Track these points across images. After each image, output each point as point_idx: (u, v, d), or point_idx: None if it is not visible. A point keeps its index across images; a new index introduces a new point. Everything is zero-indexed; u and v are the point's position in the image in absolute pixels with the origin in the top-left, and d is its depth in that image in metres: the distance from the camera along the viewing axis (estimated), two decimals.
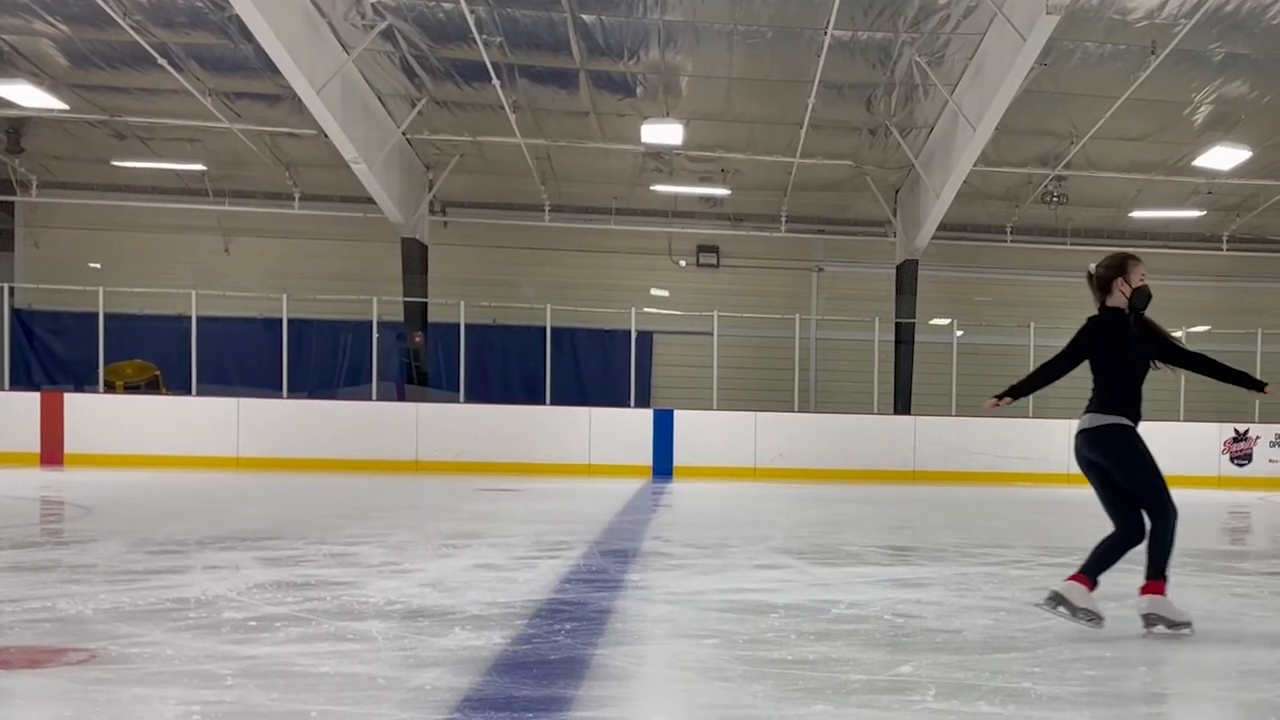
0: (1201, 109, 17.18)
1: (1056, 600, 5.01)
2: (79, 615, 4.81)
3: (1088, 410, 5.54)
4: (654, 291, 23.33)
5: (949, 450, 18.43)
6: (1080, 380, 18.91)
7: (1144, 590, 5.11)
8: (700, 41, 15.30)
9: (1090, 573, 5.14)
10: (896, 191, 21.66)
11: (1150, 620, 5.06)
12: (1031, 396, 18.51)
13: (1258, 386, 5.59)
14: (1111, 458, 5.42)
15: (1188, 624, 5.03)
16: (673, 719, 3.58)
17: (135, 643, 4.25)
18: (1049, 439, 18.71)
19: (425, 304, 20.49)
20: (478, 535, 8.44)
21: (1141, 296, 5.51)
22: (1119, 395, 5.49)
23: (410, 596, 5.48)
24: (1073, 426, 17.76)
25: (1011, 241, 22.78)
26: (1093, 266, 5.58)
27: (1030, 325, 19.99)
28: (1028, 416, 19.39)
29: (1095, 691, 3.87)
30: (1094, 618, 4.97)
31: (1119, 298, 5.51)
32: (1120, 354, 5.46)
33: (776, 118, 17.88)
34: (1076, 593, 5.04)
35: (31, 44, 16.06)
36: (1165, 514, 5.21)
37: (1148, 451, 5.40)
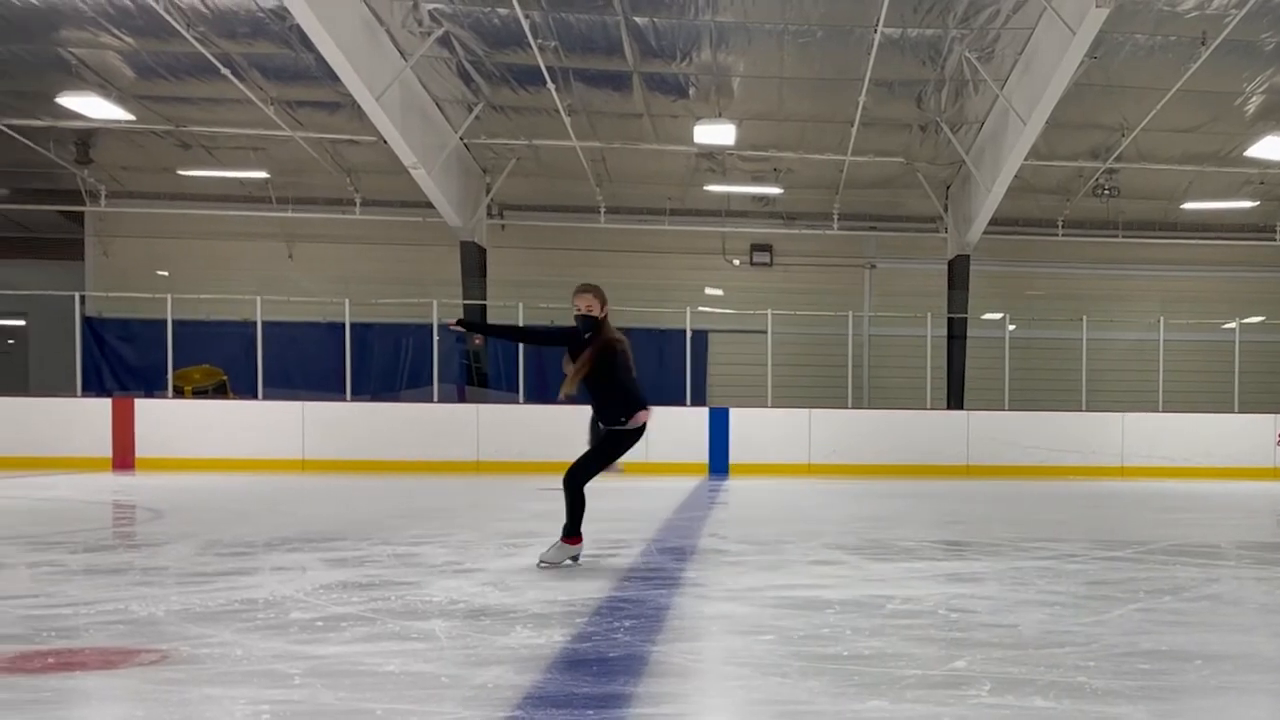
0: (1253, 99, 16.93)
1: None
2: (151, 617, 4.91)
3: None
4: (708, 291, 23.35)
5: (1002, 444, 18.32)
6: (1136, 374, 18.63)
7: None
8: (752, 42, 15.32)
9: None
10: (948, 187, 21.54)
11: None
12: (1086, 391, 18.28)
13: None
14: None
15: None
16: (731, 715, 3.61)
17: (206, 643, 4.35)
18: (1103, 432, 18.55)
19: (484, 306, 20.66)
20: (538, 534, 8.49)
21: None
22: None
23: (472, 596, 5.55)
24: (1126, 420, 17.62)
25: (1063, 235, 22.55)
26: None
27: (1083, 318, 19.83)
28: (1081, 410, 19.24)
29: (1150, 685, 3.87)
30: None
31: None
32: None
33: (828, 116, 17.87)
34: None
35: (99, 57, 16.36)
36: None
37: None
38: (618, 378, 6.73)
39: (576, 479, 6.74)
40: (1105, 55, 14.97)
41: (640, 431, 7.00)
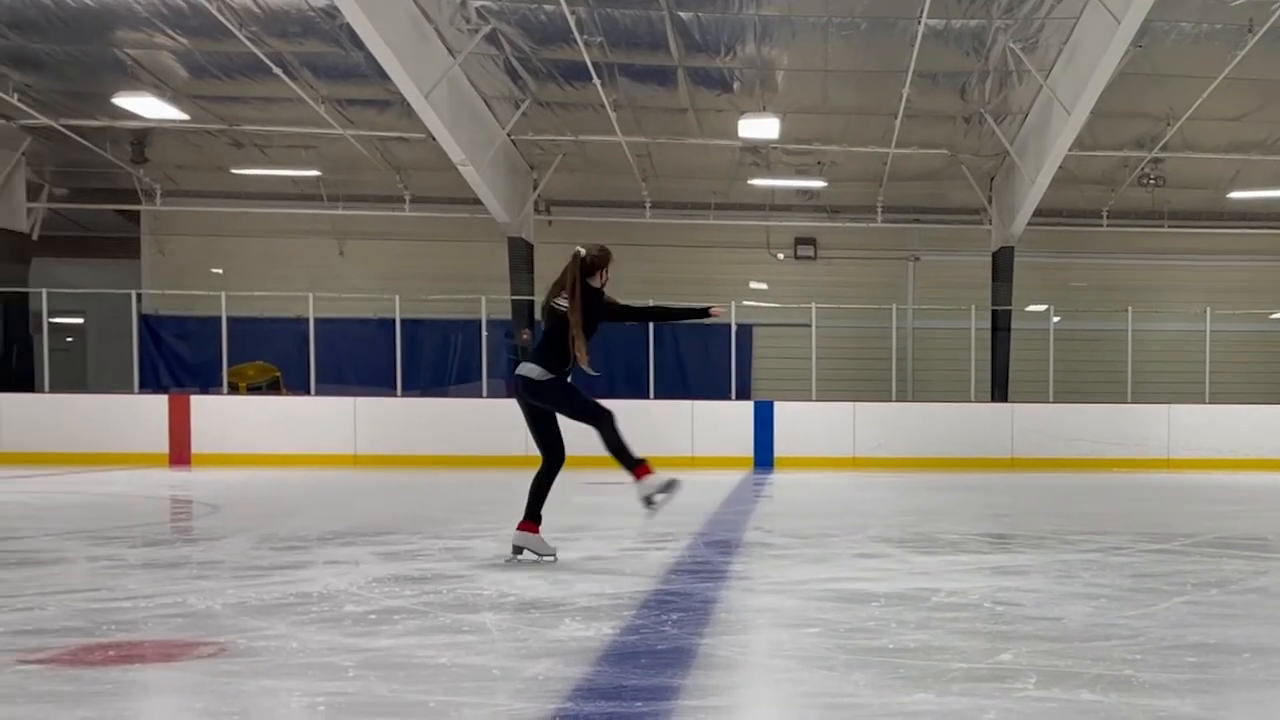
0: None
1: (518, 550, 6.53)
2: (208, 610, 4.96)
3: (535, 363, 6.66)
4: (753, 285, 23.39)
5: (1047, 437, 18.24)
6: (1182, 365, 18.57)
7: (519, 527, 6.57)
8: (796, 35, 15.30)
9: (532, 516, 6.57)
10: (991, 179, 21.41)
11: (517, 549, 6.55)
12: (1131, 382, 18.13)
13: (702, 313, 7.01)
14: (549, 402, 6.69)
15: (552, 555, 6.55)
16: (778, 707, 3.61)
17: (262, 636, 4.39)
18: (1149, 424, 18.40)
19: (532, 301, 20.77)
20: (586, 528, 8.60)
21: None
22: (561, 352, 6.59)
23: (522, 589, 5.61)
24: (1173, 412, 17.59)
25: (1108, 226, 22.39)
26: (583, 250, 6.62)
27: (1128, 309, 19.68)
28: (1127, 402, 19.11)
29: (1199, 679, 3.85)
30: (550, 553, 6.52)
31: (598, 281, 6.61)
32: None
33: (871, 108, 17.82)
34: (532, 540, 6.53)
35: (153, 57, 16.56)
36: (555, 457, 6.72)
37: (578, 396, 6.71)
38: None
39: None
40: (1150, 44, 14.83)
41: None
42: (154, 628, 4.61)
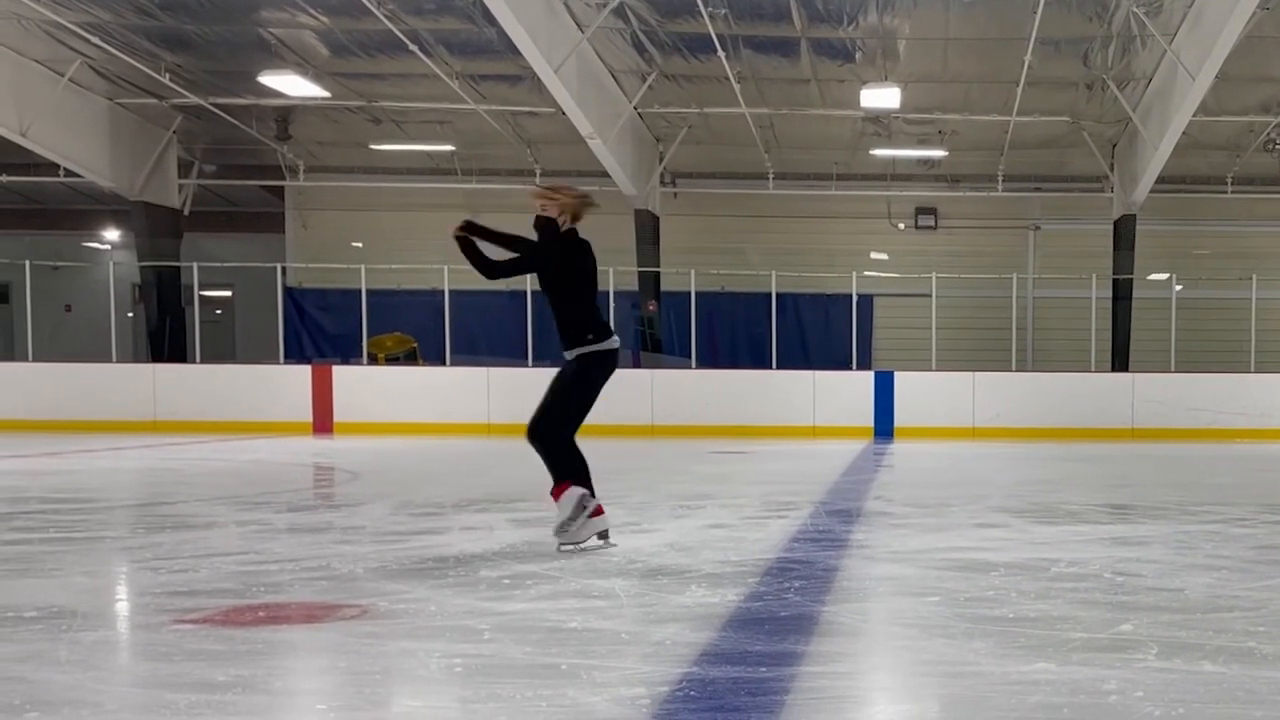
0: None
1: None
2: (350, 573, 5.15)
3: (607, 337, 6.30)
4: (873, 255, 23.22)
5: (1168, 407, 17.77)
6: None
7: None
8: (917, 4, 15.01)
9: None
10: (1113, 146, 20.84)
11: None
12: (1255, 351, 17.69)
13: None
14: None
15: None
16: (898, 674, 3.67)
17: (401, 599, 4.55)
18: (1273, 394, 17.84)
19: (658, 273, 20.93)
20: (710, 496, 8.72)
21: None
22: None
23: (649, 555, 5.73)
24: None
25: (1232, 192, 21.72)
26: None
27: (1252, 277, 19.07)
28: (1250, 372, 18.56)
29: None
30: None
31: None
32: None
33: (992, 77, 17.49)
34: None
35: (296, 36, 16.93)
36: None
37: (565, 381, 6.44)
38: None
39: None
40: (1277, 6, 14.25)
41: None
42: (300, 590, 4.80)
